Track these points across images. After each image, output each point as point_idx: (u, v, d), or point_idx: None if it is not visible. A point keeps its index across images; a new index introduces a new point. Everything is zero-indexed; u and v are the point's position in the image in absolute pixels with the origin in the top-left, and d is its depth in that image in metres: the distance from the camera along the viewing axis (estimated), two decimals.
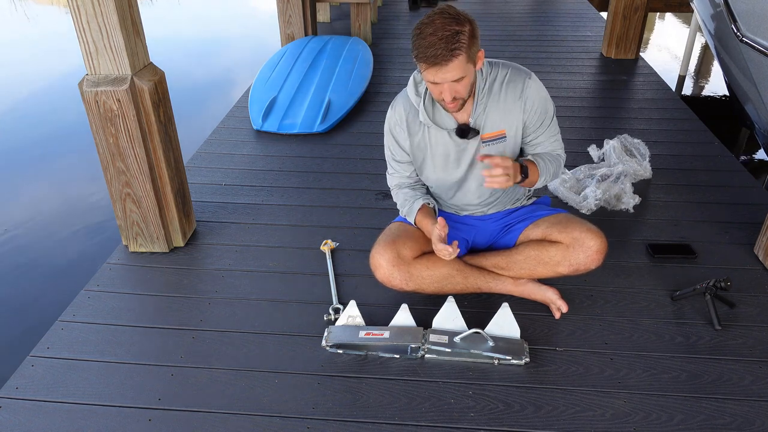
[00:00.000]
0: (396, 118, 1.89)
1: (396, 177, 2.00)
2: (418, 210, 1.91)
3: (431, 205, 1.95)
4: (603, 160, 2.86)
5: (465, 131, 1.80)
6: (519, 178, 1.74)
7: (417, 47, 1.58)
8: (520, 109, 1.80)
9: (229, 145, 3.21)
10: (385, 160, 2.05)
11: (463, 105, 1.72)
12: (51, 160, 4.28)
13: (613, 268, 2.19)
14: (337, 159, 3.06)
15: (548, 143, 1.88)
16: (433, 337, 1.81)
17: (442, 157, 1.87)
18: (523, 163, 1.77)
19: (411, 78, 1.85)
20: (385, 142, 1.98)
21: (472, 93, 1.75)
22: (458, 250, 1.77)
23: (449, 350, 1.78)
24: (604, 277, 2.14)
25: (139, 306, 2.04)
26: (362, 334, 1.83)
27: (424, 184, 2.02)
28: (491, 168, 1.64)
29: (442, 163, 1.89)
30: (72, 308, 2.03)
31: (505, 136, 1.83)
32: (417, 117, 1.85)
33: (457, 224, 2.04)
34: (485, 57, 1.80)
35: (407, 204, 1.95)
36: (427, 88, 1.80)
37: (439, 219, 1.73)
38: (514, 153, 1.88)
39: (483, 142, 1.83)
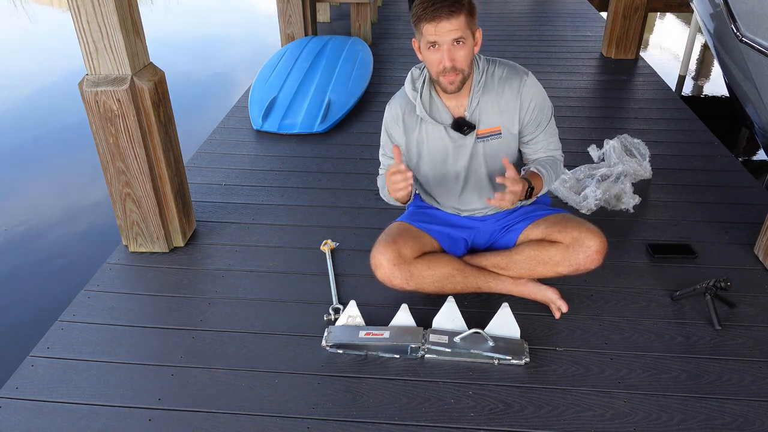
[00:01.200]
0: (392, 116, 1.90)
1: (384, 170, 2.01)
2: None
3: None
4: (603, 160, 2.86)
5: (461, 125, 1.81)
6: (523, 197, 1.75)
7: (417, 9, 1.64)
8: (517, 106, 1.80)
9: (229, 145, 3.21)
10: None
11: (462, 84, 1.73)
12: (51, 160, 4.28)
13: (613, 268, 2.19)
14: (337, 159, 3.06)
15: (546, 143, 1.88)
16: (433, 337, 1.81)
17: (439, 154, 1.88)
18: (529, 180, 1.77)
19: (409, 74, 1.86)
20: (381, 140, 1.99)
21: (469, 81, 1.77)
22: (410, 173, 1.66)
23: (449, 350, 1.78)
24: (604, 277, 2.14)
25: (139, 306, 2.04)
26: (362, 334, 1.83)
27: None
28: (504, 193, 1.67)
29: (440, 160, 1.89)
30: (72, 308, 2.03)
31: (500, 133, 1.84)
32: (414, 113, 1.85)
33: (456, 225, 2.04)
34: (483, 56, 1.82)
35: (381, 178, 1.94)
36: (423, 82, 1.81)
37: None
38: (511, 150, 1.89)
39: (478, 138, 1.83)
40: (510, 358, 1.76)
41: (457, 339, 1.80)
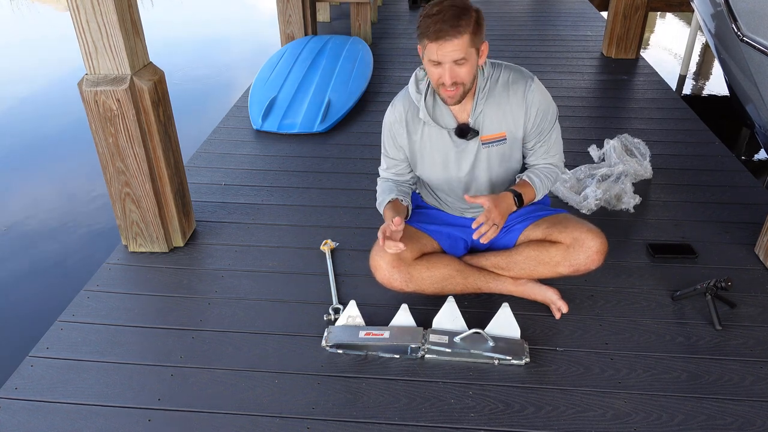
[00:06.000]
0: (395, 116, 1.88)
1: (385, 171, 2.00)
2: (389, 201, 1.89)
3: (404, 203, 1.92)
4: (603, 160, 2.85)
5: (464, 131, 1.79)
6: (513, 209, 1.78)
7: (422, 24, 1.61)
8: (522, 111, 1.79)
9: (229, 145, 3.21)
10: None
11: (462, 97, 1.70)
12: (51, 159, 4.28)
13: (614, 268, 2.19)
14: (337, 159, 3.06)
15: (546, 149, 1.86)
16: (433, 337, 1.81)
17: (441, 157, 1.87)
18: (516, 191, 1.79)
19: (413, 75, 1.84)
20: (382, 139, 1.97)
21: (473, 89, 1.75)
22: (400, 246, 1.71)
23: (449, 350, 1.78)
24: (604, 277, 2.14)
25: (138, 306, 2.04)
26: (362, 334, 1.83)
27: (411, 185, 2.01)
28: (480, 227, 1.68)
29: (441, 163, 1.88)
30: (72, 308, 2.03)
31: (505, 139, 1.83)
32: (417, 115, 1.84)
33: (456, 225, 2.03)
34: (488, 60, 1.80)
35: (383, 195, 1.94)
36: (428, 86, 1.79)
37: (396, 218, 1.71)
38: (515, 156, 1.88)
39: (483, 144, 1.82)
40: (510, 358, 1.76)
41: (457, 339, 1.79)
